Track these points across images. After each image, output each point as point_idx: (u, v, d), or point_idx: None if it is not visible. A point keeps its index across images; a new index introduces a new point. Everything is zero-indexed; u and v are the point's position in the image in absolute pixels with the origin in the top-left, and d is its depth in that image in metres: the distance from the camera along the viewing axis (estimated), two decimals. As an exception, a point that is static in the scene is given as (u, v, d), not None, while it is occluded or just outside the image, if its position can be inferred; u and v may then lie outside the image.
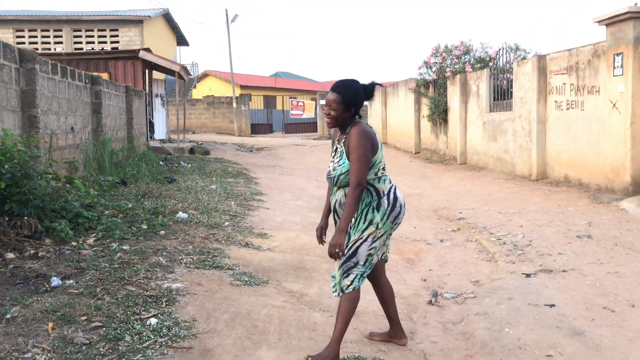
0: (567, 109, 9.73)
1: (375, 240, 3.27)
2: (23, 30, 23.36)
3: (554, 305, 4.18)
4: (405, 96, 18.97)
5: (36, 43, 23.21)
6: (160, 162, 13.19)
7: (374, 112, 25.82)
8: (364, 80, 3.36)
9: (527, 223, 7.13)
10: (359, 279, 3.27)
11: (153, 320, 3.54)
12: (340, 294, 3.29)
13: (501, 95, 12.68)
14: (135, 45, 22.61)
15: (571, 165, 9.61)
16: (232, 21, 33.52)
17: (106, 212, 6.17)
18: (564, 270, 5.07)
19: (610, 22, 8.29)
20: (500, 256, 5.76)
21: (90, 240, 5.18)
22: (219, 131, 32.99)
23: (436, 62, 15.88)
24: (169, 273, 4.48)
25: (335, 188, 3.38)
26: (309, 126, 34.05)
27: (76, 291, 3.87)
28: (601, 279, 4.80)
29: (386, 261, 3.59)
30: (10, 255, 4.60)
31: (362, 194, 3.19)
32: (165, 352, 3.17)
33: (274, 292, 4.39)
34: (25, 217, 4.97)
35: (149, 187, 8.26)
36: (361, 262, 3.26)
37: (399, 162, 16.72)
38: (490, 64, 13.67)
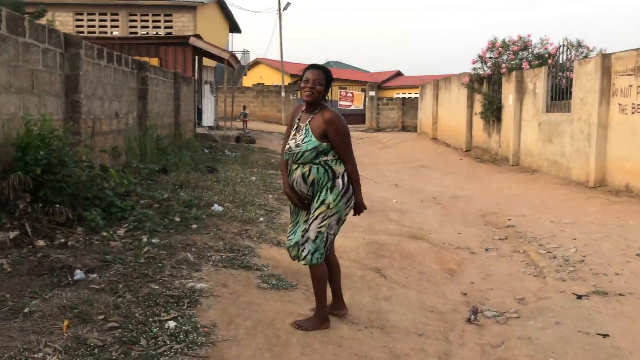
0: (633, 113, 9.05)
1: (325, 219, 3.48)
2: (82, 14, 23.94)
3: (607, 335, 3.78)
4: (458, 91, 18.36)
5: (94, 27, 23.75)
6: (205, 150, 13.19)
7: (424, 106, 25.22)
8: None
9: (581, 235, 6.63)
10: (312, 255, 3.50)
11: (172, 324, 3.37)
12: (296, 260, 3.63)
13: (559, 95, 11.99)
14: (188, 31, 22.79)
15: (634, 174, 8.94)
16: (284, 9, 33.44)
17: (141, 201, 6.10)
18: (620, 294, 4.62)
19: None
20: (550, 272, 5.34)
21: (121, 231, 5.09)
22: (267, 120, 33.07)
23: (492, 57, 15.23)
24: (195, 271, 4.32)
25: (294, 166, 3.56)
26: (357, 117, 33.67)
27: (97, 287, 3.75)
28: (663, 307, 4.34)
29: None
30: (41, 242, 4.55)
31: (356, 166, 3.56)
32: (179, 360, 2.99)
33: (301, 298, 4.16)
34: (58, 205, 4.92)
35: (189, 176, 8.18)
36: (312, 238, 3.49)
37: (448, 159, 16.20)
38: (549, 61, 12.95)
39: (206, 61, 21.36)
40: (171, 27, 24.14)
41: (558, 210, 8.26)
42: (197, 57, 18.76)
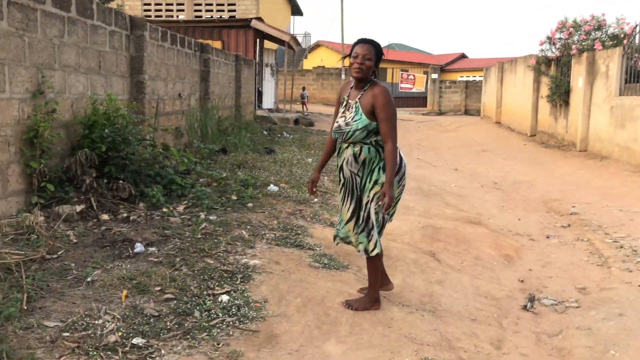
0: None
1: (380, 199, 3.38)
2: (150, -2, 24.61)
3: (675, 329, 3.57)
4: (524, 74, 17.65)
5: (161, 11, 24.37)
6: (264, 132, 13.36)
7: (488, 89, 24.46)
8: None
9: (652, 225, 6.27)
10: (376, 244, 3.49)
11: (225, 297, 3.47)
12: (364, 254, 3.54)
13: (635, 78, 11.29)
14: (251, 14, 22.98)
15: None
16: (347, -9, 33.07)
17: (200, 180, 6.26)
18: (692, 287, 4.35)
19: None
20: (615, 262, 5.09)
21: (180, 208, 5.26)
22: (327, 102, 33.03)
23: (561, 38, 14.50)
24: (249, 248, 4.41)
25: (345, 145, 3.48)
26: (418, 101, 33.08)
27: (156, 259, 3.90)
28: None
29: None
30: (105, 216, 4.77)
31: (397, 149, 3.36)
32: (230, 332, 3.08)
33: (352, 278, 4.17)
34: (121, 181, 5.13)
35: (247, 157, 8.32)
36: (375, 222, 3.48)
37: (512, 144, 15.67)
38: (625, 42, 12.20)
39: (267, 44, 21.52)
40: (234, 11, 24.40)
41: (628, 198, 7.83)
42: (258, 40, 18.93)
